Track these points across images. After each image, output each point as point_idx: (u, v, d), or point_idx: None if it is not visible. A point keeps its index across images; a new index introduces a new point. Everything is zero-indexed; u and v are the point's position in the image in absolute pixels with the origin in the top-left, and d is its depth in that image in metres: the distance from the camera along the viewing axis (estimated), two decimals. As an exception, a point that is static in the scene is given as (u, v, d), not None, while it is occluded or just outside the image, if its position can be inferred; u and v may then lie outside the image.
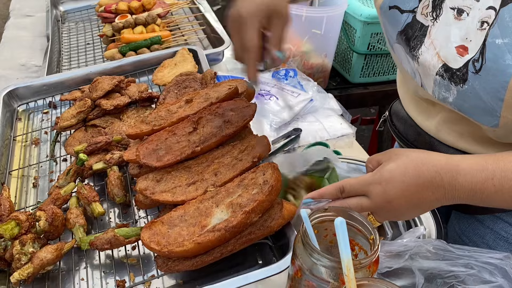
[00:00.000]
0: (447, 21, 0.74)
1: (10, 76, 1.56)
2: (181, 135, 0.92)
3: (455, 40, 0.73)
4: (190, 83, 1.18)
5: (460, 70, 0.73)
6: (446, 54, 0.74)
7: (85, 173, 1.02)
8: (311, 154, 0.99)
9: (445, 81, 0.76)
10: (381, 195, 0.67)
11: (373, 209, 0.69)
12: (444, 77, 0.76)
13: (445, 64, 0.75)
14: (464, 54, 0.72)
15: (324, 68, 1.72)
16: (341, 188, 0.71)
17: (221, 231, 0.74)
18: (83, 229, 0.89)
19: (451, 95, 0.76)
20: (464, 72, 0.72)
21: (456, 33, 0.73)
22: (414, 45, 0.79)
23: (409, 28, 0.79)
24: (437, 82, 0.77)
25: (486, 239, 0.93)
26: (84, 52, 1.68)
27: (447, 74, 0.75)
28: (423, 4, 0.77)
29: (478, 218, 0.94)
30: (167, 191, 0.85)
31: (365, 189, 0.69)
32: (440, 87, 0.78)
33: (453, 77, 0.74)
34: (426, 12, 0.76)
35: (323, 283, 0.63)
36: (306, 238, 0.63)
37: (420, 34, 0.78)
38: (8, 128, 1.20)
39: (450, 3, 0.73)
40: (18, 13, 2.02)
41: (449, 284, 0.78)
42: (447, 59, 0.74)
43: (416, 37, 0.78)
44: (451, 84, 0.75)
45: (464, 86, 0.73)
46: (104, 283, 0.84)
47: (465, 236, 0.97)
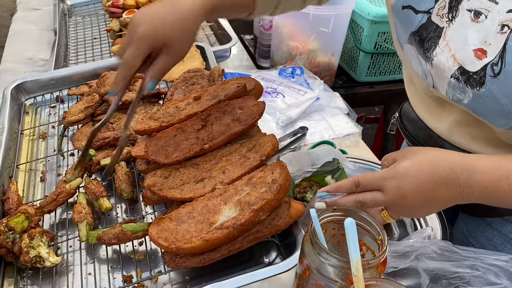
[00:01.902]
0: (464, 23, 0.73)
1: (17, 70, 1.56)
2: (190, 132, 0.92)
3: (473, 43, 0.72)
4: (197, 80, 1.19)
5: (477, 73, 0.72)
6: (463, 57, 0.73)
7: (92, 168, 1.03)
8: (319, 154, 0.99)
9: (461, 84, 0.75)
10: (395, 190, 0.67)
11: (387, 204, 0.70)
12: (459, 80, 0.75)
13: (461, 67, 0.74)
14: (482, 57, 0.71)
15: (330, 67, 1.72)
16: (357, 182, 0.71)
17: (229, 229, 0.75)
18: (89, 227, 0.89)
19: (466, 98, 0.76)
20: (482, 76, 0.72)
21: (474, 35, 0.72)
22: (428, 47, 0.78)
23: (423, 29, 0.78)
24: (451, 84, 0.77)
25: (493, 241, 0.93)
26: (91, 46, 1.68)
27: (463, 77, 0.74)
28: (439, 5, 0.76)
29: (486, 220, 0.94)
30: (175, 187, 0.85)
31: (380, 184, 0.69)
32: (454, 89, 0.77)
33: (470, 80, 0.73)
34: (442, 14, 0.75)
35: (331, 282, 0.64)
36: (314, 237, 0.64)
37: (435, 36, 0.77)
38: (16, 122, 1.21)
39: (467, 5, 0.72)
40: (25, 7, 2.03)
41: (454, 285, 0.78)
42: (464, 62, 0.73)
43: (431, 39, 0.77)
44: (467, 87, 0.74)
45: (481, 89, 0.72)
46: (111, 278, 0.85)
47: (472, 237, 0.97)
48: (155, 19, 0.74)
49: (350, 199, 0.71)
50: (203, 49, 1.37)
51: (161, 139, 0.92)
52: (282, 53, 1.67)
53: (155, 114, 1.01)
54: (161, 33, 0.74)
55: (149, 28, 0.73)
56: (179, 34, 0.75)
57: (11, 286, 0.84)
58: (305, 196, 0.95)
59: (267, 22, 1.70)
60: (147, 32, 0.73)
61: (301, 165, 0.99)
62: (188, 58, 1.32)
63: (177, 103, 1.02)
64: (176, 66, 1.30)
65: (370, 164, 1.07)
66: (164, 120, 0.98)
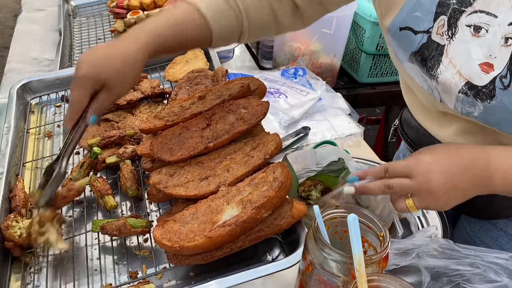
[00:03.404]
0: (464, 38, 0.73)
1: (23, 70, 1.58)
2: (194, 131, 0.93)
3: (477, 57, 0.73)
4: (201, 80, 1.20)
5: (486, 87, 0.73)
6: (469, 72, 0.74)
7: (98, 166, 1.04)
8: (323, 153, 1.00)
9: (470, 98, 0.75)
10: (424, 175, 0.70)
11: (413, 189, 0.72)
12: (468, 95, 0.75)
13: (468, 82, 0.74)
14: (489, 71, 0.72)
15: (332, 68, 1.73)
16: (386, 168, 0.74)
17: (232, 226, 0.76)
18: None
19: (477, 110, 0.76)
20: (491, 89, 0.72)
21: (477, 50, 0.72)
22: (432, 65, 0.78)
23: (424, 48, 0.78)
24: (460, 99, 0.77)
25: (499, 241, 0.94)
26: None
27: (471, 91, 0.74)
28: (438, 24, 0.75)
29: (491, 220, 0.95)
30: (180, 185, 0.87)
31: (408, 170, 0.72)
32: (463, 103, 0.77)
33: (479, 94, 0.74)
34: (442, 32, 0.75)
35: (333, 277, 0.65)
36: (318, 233, 0.65)
37: (437, 54, 0.76)
38: (22, 121, 1.22)
39: (466, 20, 0.73)
40: (30, 7, 2.04)
41: (454, 282, 0.79)
42: (471, 77, 0.74)
43: (433, 57, 0.77)
44: (476, 100, 0.75)
45: (491, 102, 0.73)
46: (116, 274, 0.86)
47: (477, 237, 0.98)
48: (96, 61, 0.77)
49: (379, 183, 0.74)
50: (207, 49, 1.38)
51: (166, 138, 0.94)
52: (285, 54, 1.69)
53: (160, 113, 1.02)
54: (100, 74, 0.77)
55: (90, 69, 0.77)
56: (117, 75, 0.78)
57: (18, 282, 0.85)
58: (310, 194, 0.96)
59: (270, 23, 1.71)
60: (88, 73, 0.77)
61: (306, 164, 1.01)
62: (192, 59, 1.34)
63: (181, 103, 1.04)
64: (181, 66, 1.32)
65: (373, 164, 1.08)
66: (169, 119, 0.99)
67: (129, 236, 0.90)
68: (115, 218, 0.90)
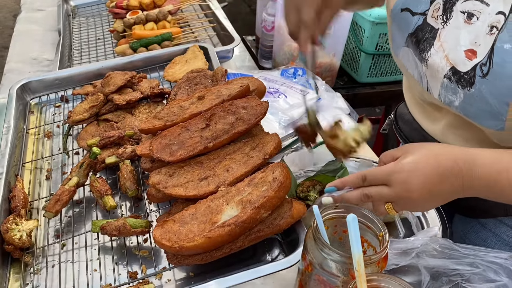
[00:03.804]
0: (457, 24, 0.75)
1: (22, 70, 1.58)
2: (194, 131, 0.93)
3: (464, 43, 0.74)
4: (201, 80, 1.20)
5: (467, 73, 0.74)
6: (455, 57, 0.75)
7: (97, 167, 1.04)
8: (321, 153, 1.00)
9: (453, 84, 0.77)
10: (402, 185, 0.69)
11: (392, 198, 0.71)
12: (451, 80, 0.77)
13: (453, 67, 0.76)
14: (472, 58, 0.73)
15: (332, 67, 1.73)
16: (363, 177, 0.73)
17: (231, 226, 0.76)
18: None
19: (458, 99, 0.77)
20: (472, 76, 0.73)
21: (465, 36, 0.74)
22: (424, 47, 0.80)
23: (419, 30, 0.80)
24: (444, 85, 0.78)
25: (488, 242, 0.94)
26: (95, 47, 1.70)
27: (454, 77, 0.76)
28: (434, 7, 0.78)
29: (480, 221, 0.96)
30: (180, 185, 0.87)
31: (387, 178, 0.70)
32: (447, 90, 0.79)
33: (461, 80, 0.75)
34: (437, 15, 0.77)
35: (333, 277, 0.65)
36: (317, 233, 0.65)
37: (430, 37, 0.79)
38: (21, 121, 1.22)
39: (461, 6, 0.74)
40: (30, 7, 2.04)
41: (454, 282, 0.79)
42: (456, 62, 0.75)
43: (426, 40, 0.79)
44: (458, 87, 0.76)
45: (471, 89, 0.74)
46: (116, 274, 0.86)
47: (468, 239, 0.98)
48: None
49: (357, 193, 0.72)
50: (206, 49, 1.38)
51: (165, 138, 0.94)
52: (284, 54, 1.69)
53: (159, 114, 1.02)
54: None
55: None
56: None
57: (18, 282, 0.85)
58: (308, 195, 0.96)
59: (269, 23, 1.71)
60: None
61: (303, 164, 1.01)
62: (191, 59, 1.34)
63: (181, 103, 1.04)
64: (180, 66, 1.32)
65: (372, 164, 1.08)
66: (168, 119, 0.99)
67: (129, 236, 0.90)
68: (115, 218, 0.90)
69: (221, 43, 1.70)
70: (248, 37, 2.04)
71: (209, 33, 1.74)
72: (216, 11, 1.81)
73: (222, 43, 1.68)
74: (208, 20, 1.77)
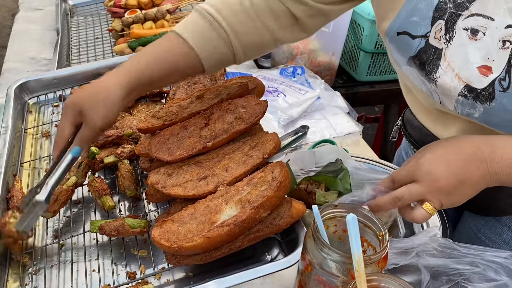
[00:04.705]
0: (462, 42, 0.73)
1: (21, 69, 1.57)
2: (193, 130, 0.93)
3: (475, 60, 0.73)
4: (199, 79, 1.20)
5: (485, 89, 0.73)
6: (468, 75, 0.74)
7: (96, 166, 1.04)
8: (322, 152, 1.00)
9: (470, 101, 0.75)
10: (428, 176, 0.69)
11: (423, 193, 0.71)
12: (468, 98, 0.75)
13: (467, 85, 0.74)
14: (488, 74, 0.72)
15: (331, 66, 1.73)
16: (392, 179, 0.74)
17: (230, 226, 0.76)
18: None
19: (477, 112, 0.76)
20: (491, 91, 0.72)
21: (475, 53, 0.72)
22: (430, 69, 0.78)
23: (422, 53, 0.78)
24: (460, 102, 0.77)
25: (503, 236, 0.94)
26: (93, 46, 1.69)
27: (471, 94, 0.74)
28: (435, 28, 0.75)
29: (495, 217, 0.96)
30: (178, 185, 0.86)
31: (412, 175, 0.71)
32: (463, 105, 0.77)
33: (479, 96, 0.74)
34: (440, 36, 0.75)
35: (332, 277, 0.65)
36: (317, 233, 0.65)
37: (435, 58, 0.76)
38: (20, 121, 1.22)
39: (463, 24, 0.73)
40: (28, 7, 2.03)
41: (454, 281, 0.79)
42: (470, 80, 0.74)
43: (431, 61, 0.77)
44: (476, 103, 0.75)
45: (491, 104, 0.73)
46: (115, 274, 0.86)
47: (481, 233, 0.98)
48: (78, 92, 0.87)
49: (388, 197, 0.73)
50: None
51: (164, 137, 0.93)
52: (283, 52, 1.68)
53: (158, 113, 1.02)
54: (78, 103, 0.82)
55: (71, 98, 0.85)
56: (90, 103, 0.82)
57: (16, 283, 0.85)
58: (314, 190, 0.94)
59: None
60: (68, 102, 0.84)
61: (304, 163, 1.00)
62: (190, 58, 1.33)
63: (179, 102, 1.03)
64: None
65: (371, 163, 1.08)
66: (167, 119, 0.99)
67: (128, 236, 0.90)
68: (113, 218, 0.90)
69: (220, 42, 1.70)
70: (247, 36, 2.03)
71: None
72: (214, 10, 1.80)
73: (221, 42, 1.68)
74: (207, 19, 1.76)
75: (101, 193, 0.95)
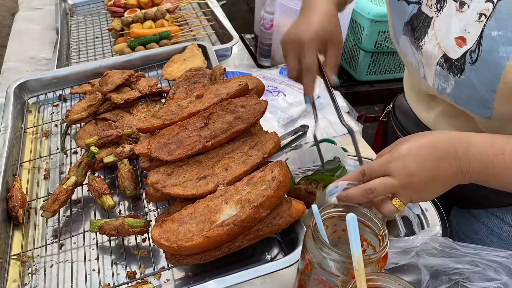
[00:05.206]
0: (450, 12, 0.76)
1: (20, 69, 1.57)
2: (192, 130, 0.93)
3: (455, 31, 0.75)
4: (199, 79, 1.20)
5: (458, 60, 0.75)
6: (446, 45, 0.77)
7: (95, 166, 1.04)
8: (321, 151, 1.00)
9: (444, 71, 0.78)
10: (402, 170, 0.69)
11: (396, 186, 0.70)
12: (443, 67, 0.78)
13: (445, 54, 0.77)
14: (462, 45, 0.74)
15: (331, 66, 1.72)
16: (362, 171, 0.73)
17: (230, 226, 0.75)
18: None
19: (449, 86, 0.79)
20: (462, 63, 0.75)
21: (456, 24, 0.75)
22: (418, 35, 0.82)
23: (414, 19, 0.82)
24: (437, 72, 0.80)
25: (480, 235, 0.96)
26: (93, 45, 1.69)
27: (446, 64, 0.78)
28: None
29: (473, 214, 0.97)
30: (178, 184, 0.86)
31: (386, 168, 0.70)
32: (440, 77, 0.80)
33: (452, 67, 0.77)
34: (431, 4, 0.79)
35: (332, 277, 0.65)
36: (316, 232, 0.65)
37: (425, 25, 0.80)
38: (19, 120, 1.22)
39: None
40: (27, 6, 2.03)
41: (454, 281, 0.79)
42: (447, 49, 0.77)
43: (421, 28, 0.81)
44: (449, 74, 0.78)
45: (461, 76, 0.75)
46: (115, 274, 0.86)
47: (461, 232, 1.00)
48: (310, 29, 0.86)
49: (359, 188, 0.72)
50: (204, 48, 1.38)
51: (164, 137, 0.93)
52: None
53: (157, 112, 1.01)
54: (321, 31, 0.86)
55: (311, 31, 0.86)
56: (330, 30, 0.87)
57: (16, 282, 0.85)
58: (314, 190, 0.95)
59: (267, 21, 1.71)
60: (311, 35, 0.85)
61: (302, 162, 1.00)
62: (190, 57, 1.33)
63: (179, 102, 1.03)
64: (178, 65, 1.32)
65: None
66: (166, 118, 0.99)
67: (127, 236, 0.90)
68: (113, 218, 0.90)
69: (219, 42, 1.70)
70: (247, 36, 2.04)
71: (208, 31, 1.74)
72: (214, 9, 1.80)
73: (221, 42, 1.68)
74: (207, 19, 1.76)
75: (100, 192, 0.95)
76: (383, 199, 0.73)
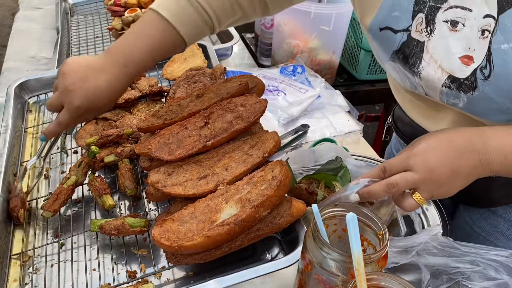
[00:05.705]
0: (443, 34, 0.75)
1: (21, 68, 1.57)
2: (193, 129, 0.93)
3: (458, 51, 0.74)
4: (199, 78, 1.20)
5: (468, 79, 0.74)
6: (451, 66, 0.76)
7: (96, 166, 1.04)
8: (321, 151, 1.00)
9: (453, 91, 0.77)
10: (422, 165, 0.70)
11: (417, 181, 0.71)
12: (451, 88, 0.77)
13: (451, 75, 0.76)
14: (469, 63, 0.74)
15: (331, 65, 1.73)
16: (383, 168, 0.74)
17: (231, 225, 0.75)
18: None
19: (461, 101, 0.78)
20: (473, 80, 0.74)
21: (456, 44, 0.74)
22: (414, 62, 0.80)
23: (405, 46, 0.80)
24: (444, 93, 0.79)
25: (499, 227, 0.95)
26: (93, 45, 1.69)
27: (454, 84, 0.76)
28: (416, 22, 0.77)
29: (489, 207, 0.96)
30: (179, 184, 0.86)
31: (406, 164, 0.72)
32: (448, 96, 0.79)
33: (461, 86, 0.76)
34: (421, 29, 0.77)
35: (332, 276, 0.65)
36: (316, 232, 0.65)
37: (418, 51, 0.78)
38: (20, 120, 1.22)
39: (442, 16, 0.75)
40: (28, 5, 2.03)
41: (454, 280, 0.79)
42: (452, 70, 0.76)
43: (414, 54, 0.79)
44: (460, 93, 0.76)
45: (474, 93, 0.75)
46: (115, 273, 0.86)
47: (477, 226, 0.98)
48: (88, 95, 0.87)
49: (381, 184, 0.73)
50: (205, 47, 1.38)
51: (164, 136, 0.93)
52: (283, 51, 1.68)
53: (158, 112, 1.02)
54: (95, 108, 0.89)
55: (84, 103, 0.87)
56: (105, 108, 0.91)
57: (16, 282, 0.85)
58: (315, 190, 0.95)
59: (268, 20, 1.71)
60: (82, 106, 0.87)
61: (304, 162, 1.00)
62: (190, 57, 1.33)
63: (179, 101, 1.03)
64: (178, 64, 1.32)
65: (371, 162, 1.08)
66: (167, 118, 0.99)
67: (128, 235, 0.90)
68: (114, 217, 0.90)
69: (220, 41, 1.70)
70: (247, 35, 2.04)
71: (208, 31, 1.73)
72: (214, 8, 1.79)
73: (221, 41, 1.68)
74: (207, 18, 1.76)
75: (101, 192, 0.95)
76: (404, 195, 0.74)
